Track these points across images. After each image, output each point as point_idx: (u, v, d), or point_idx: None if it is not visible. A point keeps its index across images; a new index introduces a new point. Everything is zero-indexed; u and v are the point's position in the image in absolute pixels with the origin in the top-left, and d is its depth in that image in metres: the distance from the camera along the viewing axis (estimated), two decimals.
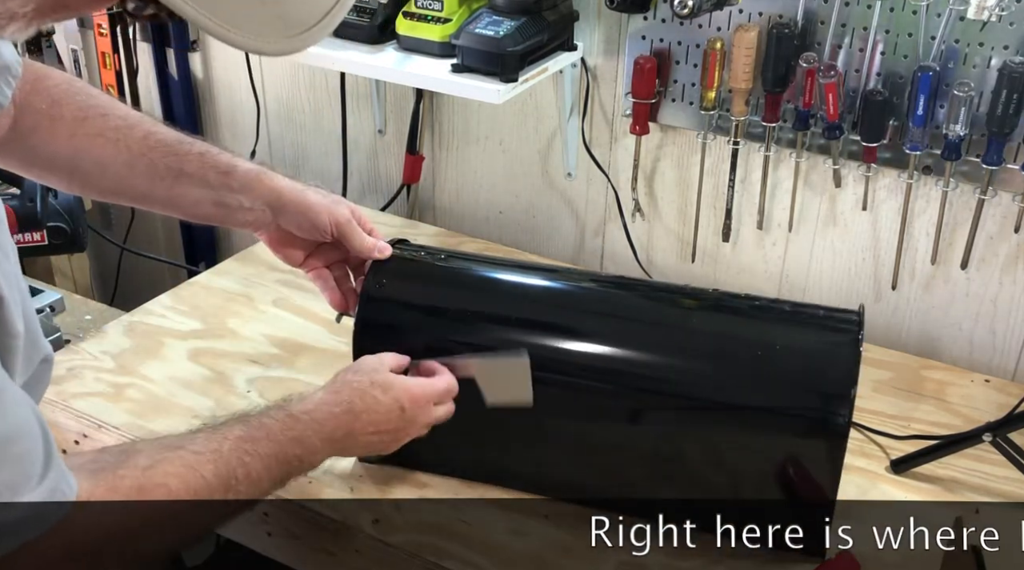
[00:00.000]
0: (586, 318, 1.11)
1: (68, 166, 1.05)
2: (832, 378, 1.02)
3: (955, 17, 1.32)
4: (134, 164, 1.05)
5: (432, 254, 1.21)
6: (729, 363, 1.05)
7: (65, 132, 1.03)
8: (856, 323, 1.04)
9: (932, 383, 1.42)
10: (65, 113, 1.04)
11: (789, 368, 1.04)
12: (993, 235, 1.44)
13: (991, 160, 1.36)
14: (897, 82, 1.40)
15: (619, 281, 1.26)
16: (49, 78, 1.04)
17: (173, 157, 1.07)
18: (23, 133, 1.02)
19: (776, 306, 1.15)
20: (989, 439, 1.18)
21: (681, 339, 1.08)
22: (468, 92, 1.48)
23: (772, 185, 1.56)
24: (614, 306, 1.13)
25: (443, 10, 1.50)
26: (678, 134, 1.61)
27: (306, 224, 1.11)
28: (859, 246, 1.55)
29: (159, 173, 1.06)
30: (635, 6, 1.49)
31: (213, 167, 1.07)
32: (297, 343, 1.46)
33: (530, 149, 1.77)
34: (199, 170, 1.07)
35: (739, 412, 1.04)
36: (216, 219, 1.11)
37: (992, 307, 1.49)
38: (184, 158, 1.07)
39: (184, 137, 1.09)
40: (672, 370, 1.06)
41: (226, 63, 2.04)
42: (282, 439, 0.94)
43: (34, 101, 1.01)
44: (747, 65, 1.44)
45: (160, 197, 1.08)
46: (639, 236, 1.70)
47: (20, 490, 0.72)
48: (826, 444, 1.02)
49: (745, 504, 1.05)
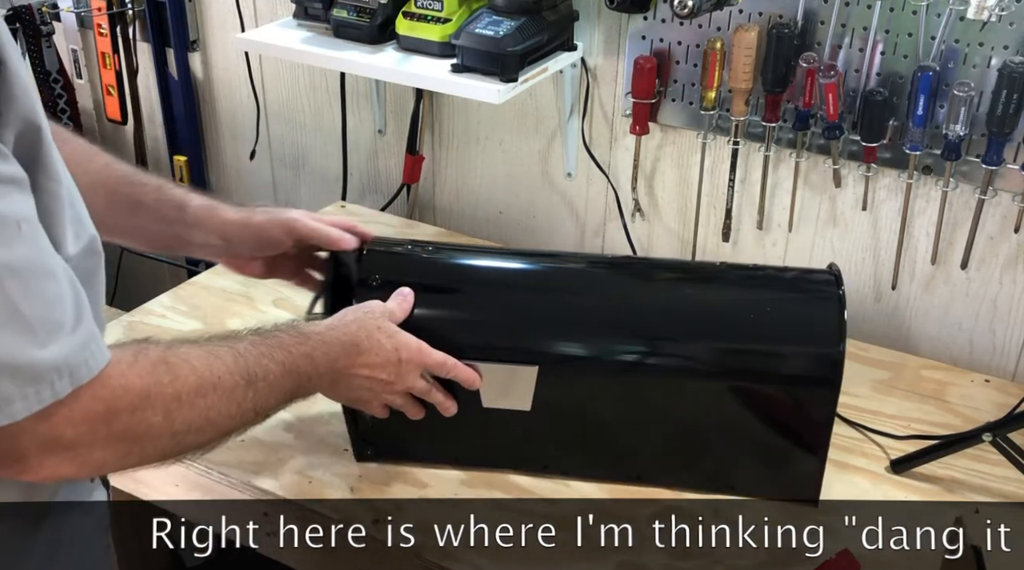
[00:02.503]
0: (585, 300, 1.14)
1: None
2: (820, 327, 1.09)
3: (955, 17, 1.32)
4: (96, 191, 1.05)
5: (418, 246, 1.21)
6: (727, 328, 1.10)
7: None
8: (834, 277, 1.12)
9: (932, 383, 1.42)
10: None
11: (782, 323, 1.10)
12: (993, 235, 1.44)
13: (991, 160, 1.36)
14: (897, 82, 1.40)
15: (611, 261, 1.29)
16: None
17: (131, 187, 1.09)
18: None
19: (759, 272, 1.22)
20: (989, 439, 1.18)
21: (680, 312, 1.12)
22: (468, 92, 1.48)
23: (772, 185, 1.56)
24: (611, 287, 1.16)
25: (443, 10, 1.50)
26: (678, 134, 1.61)
27: (260, 244, 1.16)
28: (859, 246, 1.55)
29: (118, 203, 1.09)
30: (635, 6, 1.49)
31: (168, 202, 1.11)
32: None
33: (530, 149, 1.77)
34: (156, 204, 1.10)
35: (743, 372, 1.09)
36: (174, 250, 1.16)
37: (992, 307, 1.49)
38: (141, 190, 1.10)
39: (139, 171, 1.13)
40: (674, 342, 1.11)
41: (226, 63, 2.04)
42: (294, 352, 0.94)
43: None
44: (747, 65, 1.44)
45: (120, 227, 1.10)
46: (639, 236, 1.70)
47: (54, 333, 0.70)
48: (824, 389, 1.08)
49: (747, 460, 1.12)
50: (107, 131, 2.30)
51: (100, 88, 2.19)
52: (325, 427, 1.30)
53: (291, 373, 0.94)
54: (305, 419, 1.31)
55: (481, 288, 1.16)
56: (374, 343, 1.03)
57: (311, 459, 1.24)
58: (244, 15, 1.89)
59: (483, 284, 1.16)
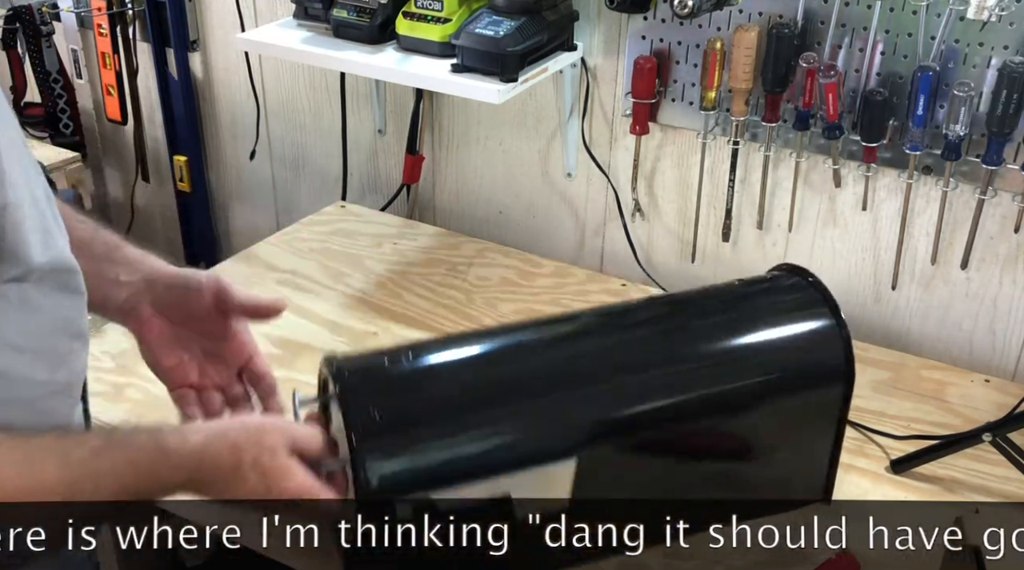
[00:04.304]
0: (599, 384, 1.00)
1: None
2: (823, 340, 1.07)
3: (955, 17, 1.32)
4: None
5: (396, 355, 1.01)
6: (731, 363, 1.04)
7: None
8: (815, 284, 1.09)
9: (932, 383, 1.42)
10: None
11: (786, 344, 1.07)
12: (993, 235, 1.44)
13: (991, 160, 1.36)
14: (897, 82, 1.40)
15: (605, 321, 1.13)
16: None
17: (65, 219, 0.98)
18: None
19: (741, 295, 1.13)
20: (989, 439, 1.18)
21: (686, 365, 1.03)
22: (468, 92, 1.48)
23: (772, 185, 1.56)
24: (617, 366, 1.02)
25: (443, 10, 1.50)
26: (678, 134, 1.61)
27: (178, 292, 1.03)
28: (859, 246, 1.55)
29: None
30: (635, 6, 1.49)
31: (103, 242, 1.01)
32: (297, 343, 1.46)
33: (530, 149, 1.77)
34: (88, 241, 0.99)
35: (757, 396, 1.04)
36: (94, 297, 0.96)
37: (992, 307, 1.49)
38: (74, 227, 0.96)
39: (74, 209, 1.01)
40: (689, 396, 1.02)
41: (226, 63, 2.04)
42: (141, 468, 0.82)
43: None
44: (747, 65, 1.44)
45: None
46: (639, 236, 1.70)
47: None
48: (840, 388, 1.06)
49: (764, 472, 1.06)
50: (107, 131, 2.30)
51: (100, 88, 2.19)
52: None
53: (128, 490, 0.81)
54: None
55: (484, 395, 0.98)
56: (238, 479, 0.85)
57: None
58: (244, 15, 1.89)
59: (483, 390, 0.98)
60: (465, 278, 1.65)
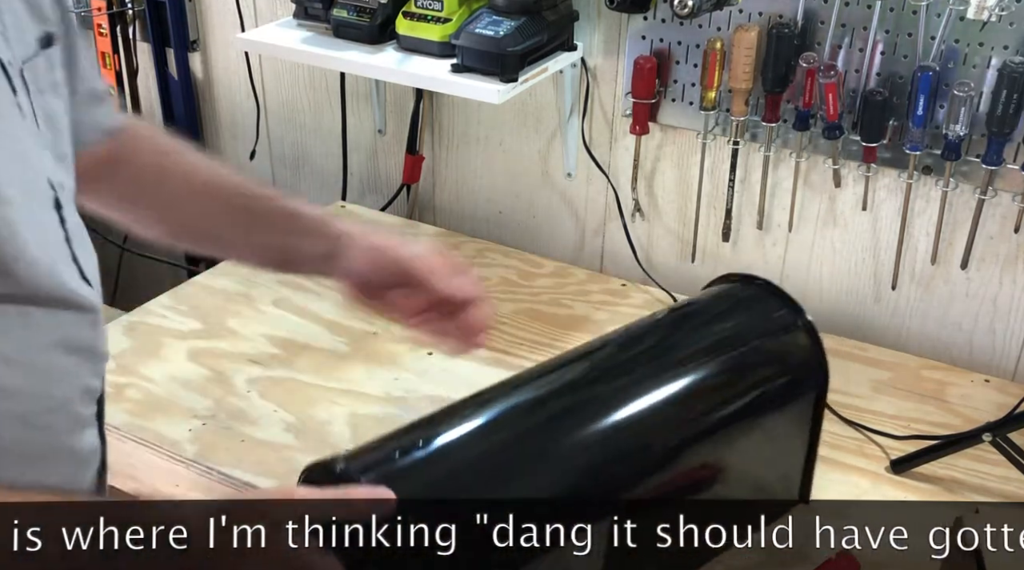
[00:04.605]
0: (607, 444, 0.97)
1: (150, 202, 1.01)
2: (797, 343, 1.04)
3: (955, 17, 1.32)
4: (210, 204, 1.01)
5: (405, 446, 0.92)
6: (717, 392, 1.03)
7: (148, 165, 1.01)
8: (777, 291, 1.07)
9: (932, 383, 1.42)
10: (143, 150, 1.01)
11: (763, 360, 1.05)
12: (993, 235, 1.44)
13: (991, 160, 1.36)
14: (897, 82, 1.40)
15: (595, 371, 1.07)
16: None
17: (244, 199, 1.02)
18: (114, 165, 0.99)
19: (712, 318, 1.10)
20: (989, 439, 1.18)
21: (674, 408, 1.00)
22: (468, 92, 1.48)
23: (772, 185, 1.56)
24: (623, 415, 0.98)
25: (443, 10, 1.50)
26: (678, 134, 1.61)
27: (367, 264, 1.01)
28: (859, 246, 1.55)
29: (232, 215, 1.02)
30: (635, 6, 1.49)
31: (281, 211, 1.02)
32: (297, 343, 1.46)
33: (530, 149, 1.77)
34: (268, 213, 1.02)
35: (739, 416, 1.03)
36: (281, 264, 1.05)
37: (992, 307, 1.49)
38: (255, 201, 1.02)
39: (251, 181, 1.05)
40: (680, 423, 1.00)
41: (226, 63, 2.04)
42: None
43: (114, 138, 1.00)
44: (747, 65, 1.44)
45: (232, 240, 1.04)
46: (639, 236, 1.70)
47: None
48: (812, 399, 1.04)
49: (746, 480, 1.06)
50: None
51: None
52: (325, 427, 1.30)
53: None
54: (305, 419, 1.31)
55: (500, 481, 0.91)
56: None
57: (311, 459, 1.24)
58: (244, 15, 1.89)
59: (497, 476, 0.91)
60: None
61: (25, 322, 0.76)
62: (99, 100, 0.94)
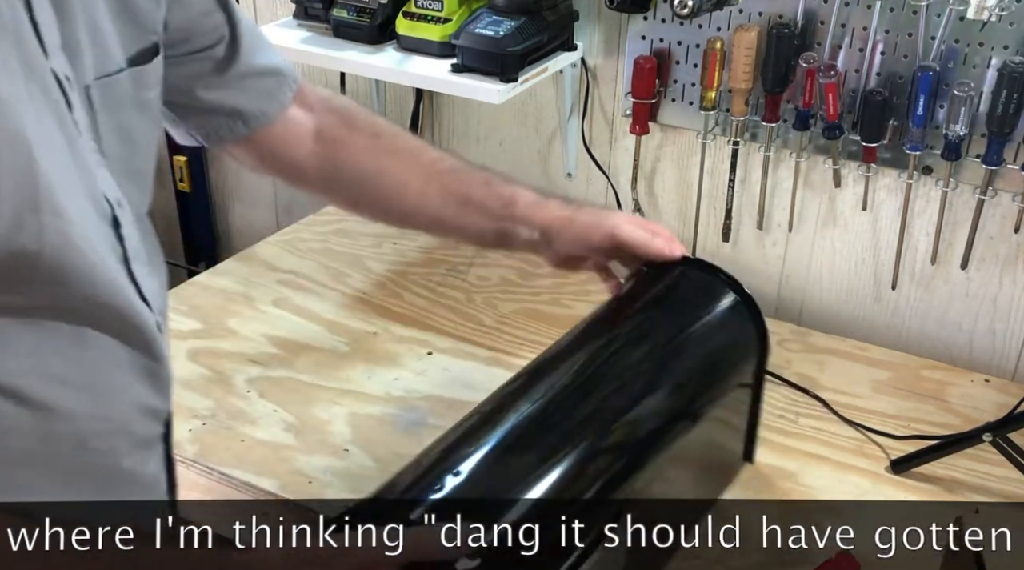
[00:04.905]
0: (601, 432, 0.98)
1: (372, 184, 1.03)
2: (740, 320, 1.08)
3: (955, 17, 1.32)
4: (428, 187, 1.04)
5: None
6: (676, 375, 1.06)
7: (365, 148, 1.02)
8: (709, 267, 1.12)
9: (932, 383, 1.42)
10: (360, 128, 1.03)
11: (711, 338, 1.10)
12: (993, 235, 1.44)
13: (991, 160, 1.36)
14: (897, 82, 1.40)
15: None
16: (325, 92, 1.04)
17: (460, 183, 1.06)
18: (328, 145, 1.01)
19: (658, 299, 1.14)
20: (989, 439, 1.18)
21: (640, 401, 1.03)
22: (468, 92, 1.48)
23: (772, 185, 1.56)
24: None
25: (443, 10, 1.50)
26: (678, 134, 1.61)
27: (579, 245, 1.07)
28: (859, 246, 1.55)
29: (450, 198, 1.05)
30: (635, 6, 1.49)
31: (497, 197, 1.06)
32: (297, 343, 1.46)
33: (530, 149, 1.77)
34: (484, 198, 1.05)
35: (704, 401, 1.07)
36: (495, 245, 1.10)
37: (992, 307, 1.49)
38: (471, 185, 1.06)
39: (465, 163, 1.09)
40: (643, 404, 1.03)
41: None
42: None
43: (327, 115, 1.02)
44: (747, 65, 1.44)
45: (448, 223, 1.07)
46: None
47: None
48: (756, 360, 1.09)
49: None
50: None
51: None
52: (325, 427, 1.30)
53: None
54: (305, 419, 1.31)
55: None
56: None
57: (311, 459, 1.24)
58: None
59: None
60: (465, 278, 1.65)
61: (80, 341, 0.75)
62: (269, 75, 0.97)
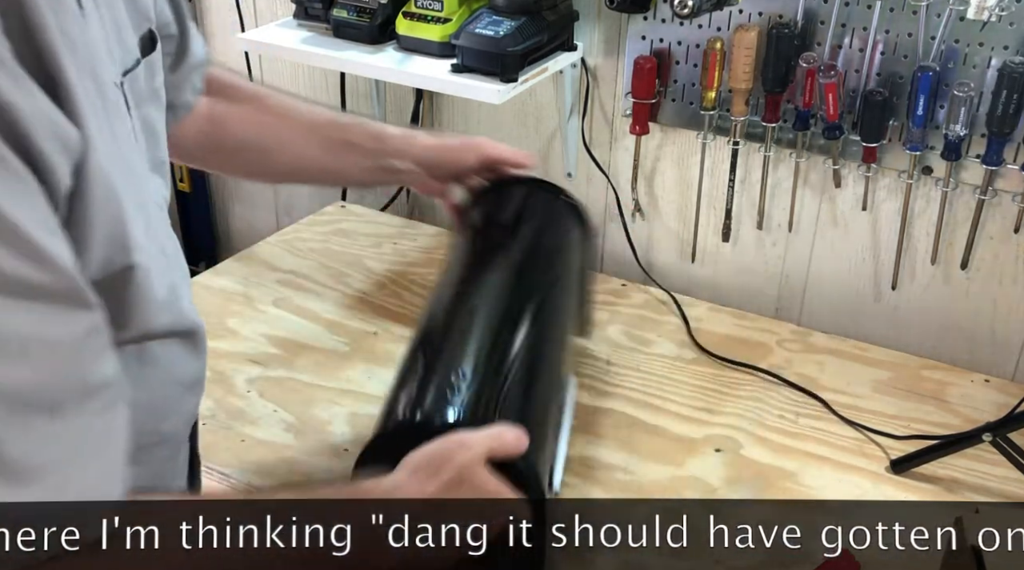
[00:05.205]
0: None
1: (256, 149, 1.08)
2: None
3: (955, 17, 1.32)
4: (309, 139, 1.13)
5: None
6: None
7: (246, 116, 1.07)
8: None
9: (932, 383, 1.42)
10: (241, 99, 1.07)
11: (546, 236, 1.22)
12: (993, 235, 1.44)
13: (991, 160, 1.36)
14: (897, 82, 1.40)
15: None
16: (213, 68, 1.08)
17: (338, 130, 1.15)
18: (216, 123, 1.05)
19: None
20: (989, 439, 1.18)
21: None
22: (468, 92, 1.48)
23: (772, 185, 1.56)
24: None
25: (443, 10, 1.50)
26: (678, 134, 1.61)
27: (455, 170, 1.20)
28: (859, 246, 1.55)
29: (331, 147, 1.14)
30: (635, 6, 1.49)
31: (371, 138, 1.16)
32: (297, 343, 1.46)
33: (530, 149, 1.77)
34: (361, 140, 1.15)
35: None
36: (375, 183, 1.26)
37: (992, 307, 1.49)
38: (347, 130, 1.15)
39: (336, 111, 1.20)
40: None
41: (226, 63, 2.04)
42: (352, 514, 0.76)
43: (216, 92, 1.06)
44: (747, 65, 1.44)
45: (332, 170, 1.17)
46: (639, 236, 1.70)
47: (28, 481, 0.59)
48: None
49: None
50: None
51: None
52: (325, 427, 1.30)
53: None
54: (305, 419, 1.31)
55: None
56: (460, 506, 0.81)
57: (311, 459, 1.24)
58: (244, 15, 1.89)
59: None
60: None
61: (141, 359, 0.76)
62: (201, 65, 1.00)
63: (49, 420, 0.60)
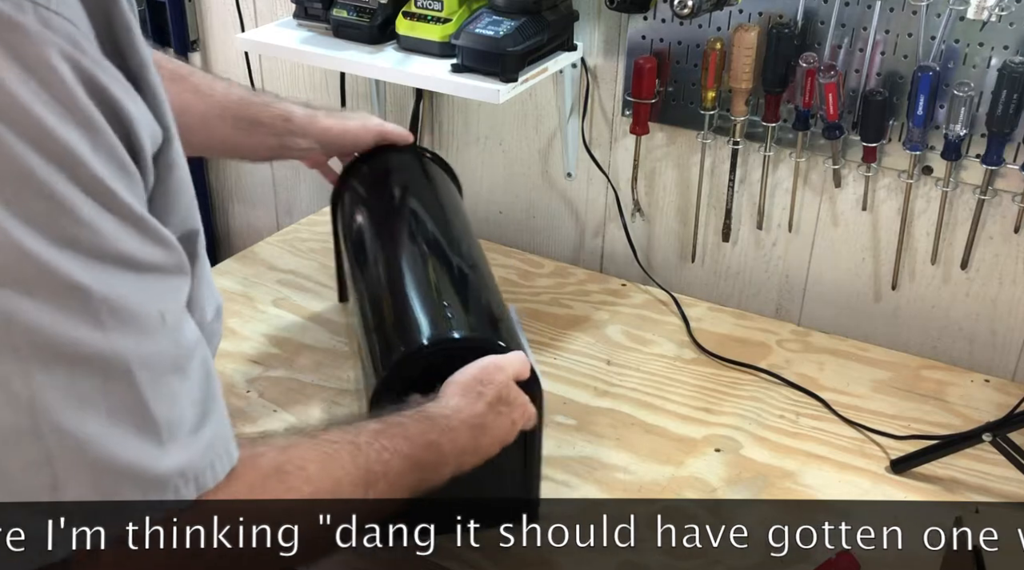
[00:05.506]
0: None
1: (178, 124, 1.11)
2: None
3: (955, 17, 1.32)
4: (223, 117, 1.21)
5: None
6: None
7: (169, 90, 1.09)
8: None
9: (932, 383, 1.43)
10: (162, 72, 1.08)
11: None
12: (993, 235, 1.44)
13: (991, 160, 1.36)
14: (897, 82, 1.40)
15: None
16: None
17: (249, 108, 1.24)
18: None
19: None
20: (989, 439, 1.18)
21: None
22: (468, 92, 1.48)
23: (772, 185, 1.56)
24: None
25: (443, 10, 1.50)
26: (678, 134, 1.61)
27: (352, 149, 1.33)
28: (859, 246, 1.55)
29: (241, 124, 1.23)
30: (635, 6, 1.49)
31: (278, 116, 1.25)
32: (297, 343, 1.46)
33: (530, 149, 1.77)
34: (269, 120, 1.24)
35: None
36: (275, 158, 1.32)
37: (992, 307, 1.49)
38: (256, 109, 1.24)
39: (247, 90, 1.26)
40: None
41: (226, 63, 2.04)
42: (418, 442, 0.87)
43: None
44: (747, 65, 1.44)
45: (242, 145, 1.26)
46: (639, 236, 1.70)
47: (177, 435, 0.66)
48: None
49: None
50: None
51: None
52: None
53: (415, 467, 0.86)
54: (305, 419, 1.31)
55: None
56: (497, 418, 0.96)
57: None
58: (244, 15, 1.89)
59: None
60: None
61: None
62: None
63: (182, 380, 0.67)
